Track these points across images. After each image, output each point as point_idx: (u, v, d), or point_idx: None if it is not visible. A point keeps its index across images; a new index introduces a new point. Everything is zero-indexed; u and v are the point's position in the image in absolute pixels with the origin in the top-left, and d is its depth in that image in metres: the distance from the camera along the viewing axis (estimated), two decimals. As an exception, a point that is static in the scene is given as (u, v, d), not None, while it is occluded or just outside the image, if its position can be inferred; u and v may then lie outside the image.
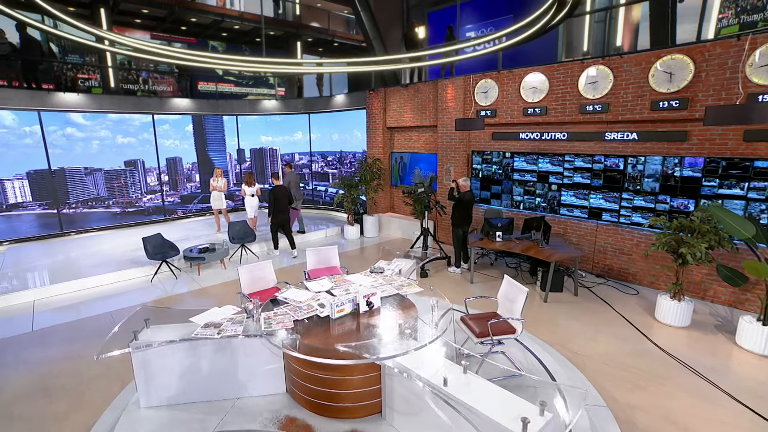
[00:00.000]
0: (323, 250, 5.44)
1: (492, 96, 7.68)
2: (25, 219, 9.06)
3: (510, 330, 3.94)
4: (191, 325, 3.63)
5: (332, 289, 4.20)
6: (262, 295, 4.60)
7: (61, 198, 9.39)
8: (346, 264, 7.71)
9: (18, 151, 8.70)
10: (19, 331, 5.30)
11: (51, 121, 8.96)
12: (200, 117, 11.25)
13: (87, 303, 6.18)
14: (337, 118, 11.49)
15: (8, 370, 4.44)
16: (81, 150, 9.44)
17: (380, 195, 10.24)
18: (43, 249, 8.49)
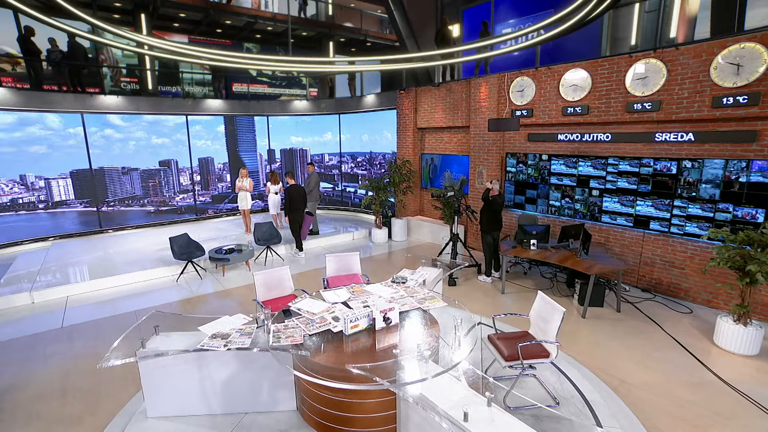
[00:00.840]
0: (344, 257, 5.17)
1: (528, 95, 7.17)
2: (68, 216, 9.42)
3: (543, 354, 3.51)
4: (200, 335, 3.45)
5: (349, 300, 3.92)
6: (278, 303, 4.39)
7: (100, 196, 9.69)
8: (371, 269, 7.52)
9: (62, 152, 9.04)
10: (50, 327, 5.39)
11: (92, 122, 9.25)
12: (232, 118, 11.34)
13: (115, 301, 6.24)
14: (367, 119, 11.25)
15: (35, 365, 4.47)
16: (119, 150, 9.71)
17: (409, 198, 9.91)
18: (83, 245, 8.76)
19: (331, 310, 3.72)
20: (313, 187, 9.05)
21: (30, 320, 5.62)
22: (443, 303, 3.85)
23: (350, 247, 9.08)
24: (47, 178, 9.04)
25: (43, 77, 9.30)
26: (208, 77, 12.93)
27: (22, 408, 3.84)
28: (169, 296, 6.36)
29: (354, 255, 5.22)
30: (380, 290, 4.18)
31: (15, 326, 5.44)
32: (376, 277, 6.84)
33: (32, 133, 8.66)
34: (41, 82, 9.20)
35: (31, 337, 5.11)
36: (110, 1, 10.52)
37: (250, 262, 7.76)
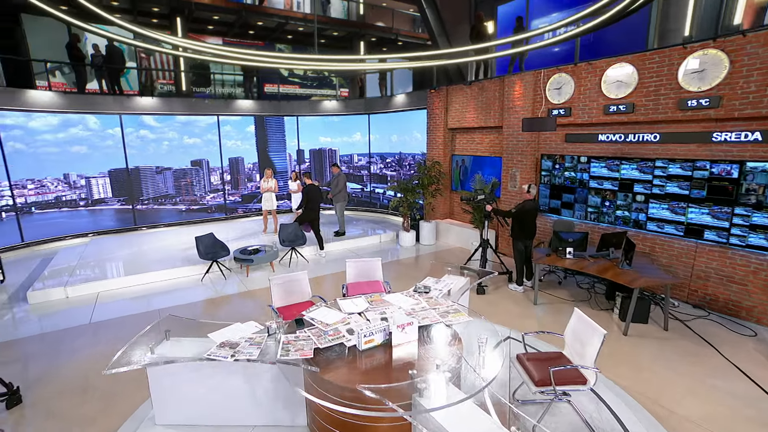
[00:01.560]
0: (365, 263, 4.93)
1: (566, 92, 6.67)
2: (106, 213, 9.74)
3: (579, 380, 3.11)
4: (209, 342, 3.30)
5: (366, 311, 3.66)
6: (293, 310, 4.20)
7: (135, 195, 9.96)
8: (397, 274, 7.25)
9: (101, 152, 9.35)
10: (79, 322, 5.47)
11: (128, 123, 9.52)
12: (262, 118, 11.39)
13: (141, 298, 6.30)
14: (397, 119, 11.00)
15: (61, 361, 4.52)
16: (153, 150, 9.95)
17: (438, 200, 9.56)
18: (117, 242, 9.01)
19: (346, 322, 3.48)
20: (341, 188, 8.88)
21: (62, 315, 5.74)
22: (468, 318, 3.52)
23: (377, 250, 8.85)
24: (87, 177, 9.36)
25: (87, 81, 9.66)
26: (239, 78, 13.09)
27: (43, 404, 3.86)
28: (193, 295, 6.35)
29: (375, 261, 4.96)
30: (400, 301, 3.90)
31: (49, 320, 5.57)
32: (400, 284, 6.61)
33: (75, 134, 9.00)
34: (85, 85, 9.56)
35: (62, 332, 5.19)
36: (149, 6, 10.81)
37: (274, 263, 7.68)
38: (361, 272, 4.90)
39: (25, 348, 4.82)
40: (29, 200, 8.70)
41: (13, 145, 8.27)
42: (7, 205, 8.28)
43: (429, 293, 4.13)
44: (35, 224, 8.82)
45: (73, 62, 9.33)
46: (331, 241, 8.88)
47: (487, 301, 5.98)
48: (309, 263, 7.93)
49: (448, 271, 4.83)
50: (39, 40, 10.66)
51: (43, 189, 8.83)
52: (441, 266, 5.08)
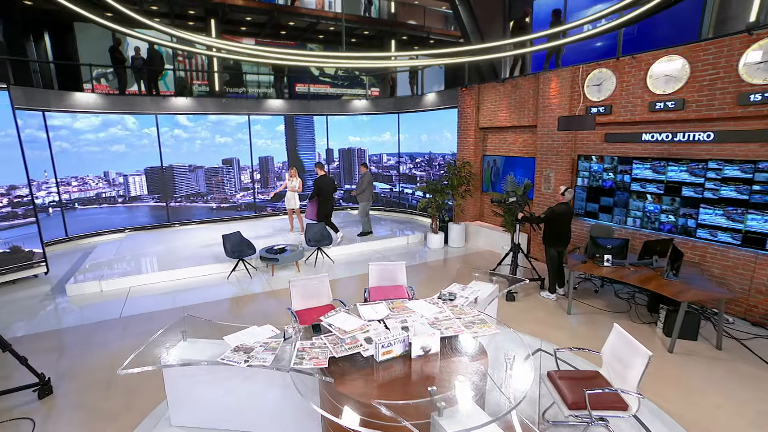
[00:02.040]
0: (388, 267, 4.75)
1: (607, 89, 6.22)
2: (142, 210, 10.06)
3: (618, 405, 2.80)
4: (225, 345, 3.22)
5: (387, 318, 3.48)
6: (312, 314, 4.08)
7: (169, 192, 10.22)
8: (423, 278, 7.02)
9: (138, 151, 9.66)
10: (110, 316, 5.60)
11: (163, 123, 9.79)
12: (292, 117, 11.45)
13: (169, 294, 6.40)
14: (427, 118, 10.76)
15: (91, 354, 4.62)
16: (186, 149, 10.17)
17: (468, 202, 9.25)
18: (152, 238, 9.28)
19: (365, 329, 3.31)
20: (365, 187, 8.79)
21: (96, 308, 5.91)
22: (495, 330, 3.27)
23: (404, 251, 8.67)
24: (125, 175, 9.69)
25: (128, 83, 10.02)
26: (270, 79, 13.22)
27: (72, 396, 3.93)
28: (218, 293, 6.39)
29: (399, 265, 4.77)
30: (423, 308, 3.69)
31: (84, 313, 5.75)
32: (424, 289, 6.40)
33: (114, 134, 9.33)
34: (125, 87, 9.92)
35: (94, 325, 5.33)
36: (185, 10, 11.08)
37: (300, 263, 7.63)
38: (384, 276, 4.72)
39: (60, 339, 4.97)
40: (73, 197, 9.09)
41: (60, 144, 8.66)
42: (54, 202, 8.67)
43: (454, 301, 3.89)
44: (77, 219, 9.21)
45: (115, 65, 9.68)
46: (357, 242, 8.77)
47: (517, 309, 5.66)
48: (334, 264, 7.84)
49: (475, 277, 4.57)
50: (88, 46, 11.18)
51: (85, 186, 9.21)
52: (468, 271, 4.83)
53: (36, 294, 6.34)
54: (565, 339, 4.77)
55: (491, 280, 4.61)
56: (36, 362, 4.30)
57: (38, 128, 8.22)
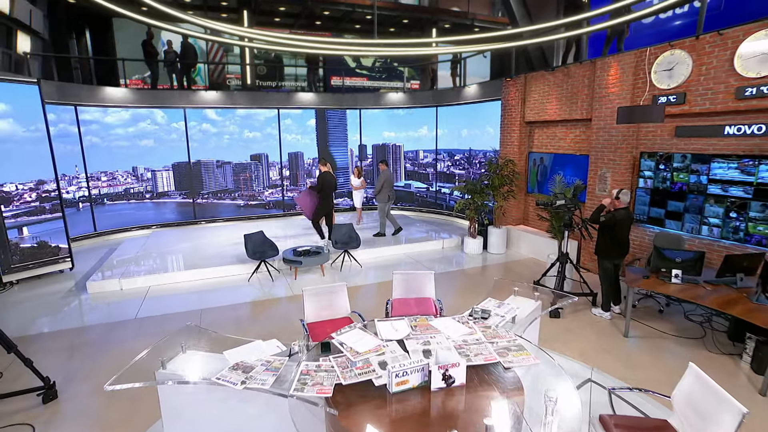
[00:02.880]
0: (415, 277, 4.41)
1: (680, 74, 5.53)
2: (169, 206, 10.31)
3: (693, 467, 2.31)
4: (225, 360, 3.02)
5: (408, 338, 3.15)
6: (327, 327, 3.82)
7: (196, 188, 10.40)
8: (455, 288, 6.60)
9: (166, 146, 9.90)
10: (126, 317, 5.65)
11: (191, 117, 9.97)
12: (323, 111, 11.35)
13: (187, 295, 6.40)
14: (468, 112, 10.31)
15: (99, 356, 4.62)
16: (214, 144, 10.32)
17: (511, 204, 8.73)
18: (177, 235, 9.47)
19: (381, 351, 2.99)
20: (382, 186, 8.64)
21: (114, 307, 5.99)
22: (534, 360, 2.85)
23: (439, 256, 8.32)
24: (153, 170, 9.95)
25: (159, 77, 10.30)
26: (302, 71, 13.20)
27: (76, 402, 3.92)
28: (237, 296, 6.31)
29: (427, 275, 4.41)
30: (450, 328, 3.33)
31: (100, 312, 5.84)
32: (457, 301, 6.00)
33: (143, 128, 9.61)
34: (157, 81, 10.19)
35: (109, 326, 5.38)
36: (218, 1, 11.25)
37: (325, 266, 7.45)
38: (410, 287, 4.39)
39: (74, 339, 5.04)
40: (102, 192, 9.44)
41: (91, 139, 9.01)
42: (84, 197, 9.03)
43: (487, 320, 3.50)
44: (106, 215, 9.56)
45: (147, 59, 9.95)
46: (389, 245, 8.48)
47: (563, 328, 5.14)
48: (362, 269, 7.60)
49: (515, 292, 4.14)
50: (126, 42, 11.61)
51: (114, 181, 9.54)
52: (507, 284, 4.41)
53: (58, 290, 6.54)
54: (620, 367, 4.23)
55: (534, 296, 4.14)
56: (47, 363, 4.38)
57: (71, 123, 8.57)
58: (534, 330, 4.08)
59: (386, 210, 8.97)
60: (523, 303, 3.93)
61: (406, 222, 10.68)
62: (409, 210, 12.00)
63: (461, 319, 3.50)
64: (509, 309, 3.72)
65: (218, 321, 5.48)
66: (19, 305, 6.04)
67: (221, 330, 5.23)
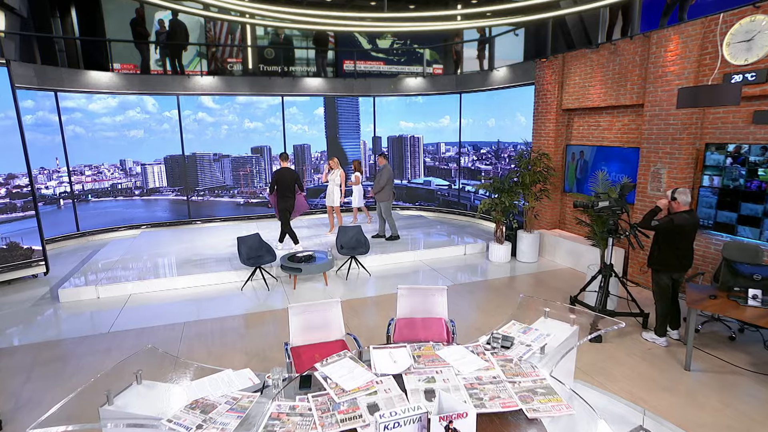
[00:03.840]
0: (423, 293, 4.00)
1: (762, 45, 4.94)
2: (160, 204, 10.21)
3: None
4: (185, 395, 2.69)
5: (408, 373, 2.77)
6: (316, 352, 3.46)
7: (190, 184, 10.27)
8: (474, 305, 6.20)
9: (158, 137, 9.80)
10: (98, 330, 5.45)
11: (186, 105, 9.84)
12: (333, 99, 11.08)
13: (170, 306, 6.19)
14: (496, 98, 9.90)
15: (57, 381, 4.38)
16: (211, 135, 10.18)
17: (545, 204, 8.25)
18: (168, 236, 9.34)
19: (373, 389, 2.62)
20: (385, 183, 8.35)
21: (86, 318, 5.81)
22: (567, 410, 2.41)
23: (460, 264, 7.97)
24: (143, 164, 9.86)
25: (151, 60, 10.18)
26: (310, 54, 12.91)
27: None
28: (226, 308, 6.07)
29: (438, 291, 4.00)
30: (462, 360, 2.92)
31: (71, 324, 5.66)
32: (476, 320, 5.60)
33: (132, 117, 9.52)
34: (148, 65, 10.07)
35: (76, 342, 5.16)
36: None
37: (328, 274, 7.13)
38: (418, 304, 3.98)
39: (35, 355, 4.84)
40: (86, 187, 9.38)
41: (74, 128, 8.94)
42: (66, 192, 8.97)
43: (509, 350, 3.08)
44: (90, 213, 9.50)
45: (136, 41, 9.84)
46: (396, 250, 8.16)
47: (606, 355, 4.65)
48: (371, 277, 7.26)
49: (546, 313, 3.68)
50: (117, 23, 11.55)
51: (100, 176, 9.47)
52: (537, 303, 3.96)
53: (27, 298, 6.41)
54: (681, 410, 3.72)
55: (569, 319, 3.67)
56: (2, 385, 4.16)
57: (51, 110, 8.50)
58: (569, 361, 3.62)
59: (389, 210, 8.71)
60: (555, 327, 3.48)
61: (425, 224, 10.39)
62: (428, 210, 11.67)
63: (476, 349, 3.08)
64: (537, 336, 3.28)
65: (201, 337, 5.23)
66: (-19, 315, 5.93)
67: (202, 348, 5.00)
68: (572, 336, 3.46)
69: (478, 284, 6.98)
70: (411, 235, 9.38)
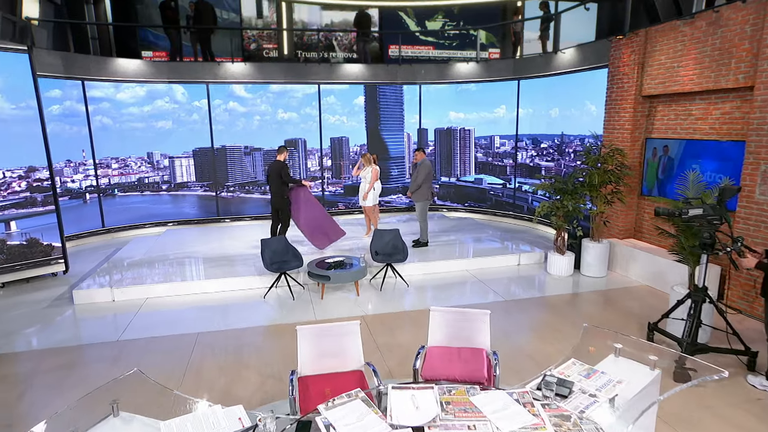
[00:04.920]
0: (463, 318, 3.54)
1: None
2: (188, 200, 10.35)
3: None
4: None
5: (433, 425, 2.35)
6: (328, 385, 3.11)
7: (220, 179, 10.32)
8: (524, 330, 5.62)
9: (186, 128, 9.94)
10: (106, 338, 5.41)
11: (216, 94, 9.89)
12: (374, 87, 10.83)
13: (185, 312, 6.12)
14: (561, 85, 9.31)
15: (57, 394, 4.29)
16: (242, 126, 10.20)
17: (618, 209, 7.58)
18: (194, 235, 9.41)
19: (384, 446, 2.21)
20: (422, 181, 7.97)
21: (98, 324, 5.82)
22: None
23: (513, 276, 7.47)
24: (171, 157, 10.01)
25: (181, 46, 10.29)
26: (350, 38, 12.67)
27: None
28: (245, 318, 5.90)
29: (479, 316, 3.52)
30: (504, 411, 2.46)
31: (81, 329, 5.70)
32: (525, 346, 5.06)
33: (160, 107, 9.68)
34: (177, 50, 10.16)
35: (81, 350, 5.15)
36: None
37: (361, 283, 6.82)
38: (455, 331, 3.53)
39: (39, 363, 4.82)
40: (112, 181, 9.62)
41: (101, 119, 9.18)
42: (91, 186, 9.22)
43: (567, 398, 2.58)
44: (116, 208, 9.74)
45: (166, 25, 9.96)
46: (439, 257, 7.76)
47: (698, 401, 3.99)
48: (408, 288, 6.89)
49: (617, 351, 3.13)
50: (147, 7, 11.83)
51: (126, 169, 9.66)
52: (606, 335, 3.40)
53: (44, 298, 6.52)
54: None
55: (650, 361, 3.08)
56: (-2, 398, 4.14)
57: (78, 100, 8.73)
58: (650, 415, 3.05)
59: (426, 212, 8.37)
60: (629, 370, 2.94)
61: (474, 228, 9.97)
62: (478, 212, 11.22)
63: (523, 397, 2.60)
64: (605, 382, 2.76)
65: (213, 350, 5.06)
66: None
67: (213, 363, 4.81)
68: (653, 383, 2.90)
69: (532, 301, 6.42)
70: (458, 240, 8.96)
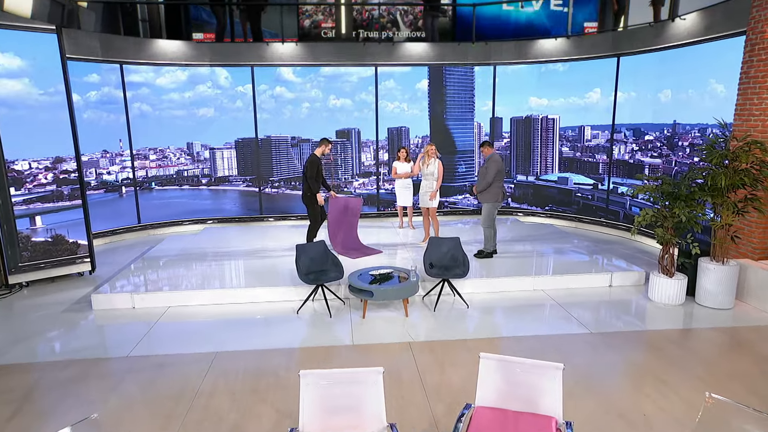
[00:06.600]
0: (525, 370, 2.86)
1: None
2: (229, 196, 10.46)
3: None
4: None
5: None
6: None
7: (264, 174, 10.32)
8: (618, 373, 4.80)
9: (229, 116, 10.02)
10: (116, 352, 5.31)
11: (261, 79, 9.89)
12: (440, 69, 10.39)
13: (210, 325, 5.97)
14: (675, 61, 8.47)
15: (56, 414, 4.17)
16: (290, 114, 10.14)
17: (751, 221, 6.59)
18: (233, 235, 9.47)
19: None
20: (493, 178, 7.55)
21: (112, 334, 5.80)
22: None
23: (600, 300, 6.69)
24: (212, 148, 10.15)
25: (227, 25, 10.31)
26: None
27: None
28: (274, 336, 5.62)
29: (548, 372, 2.80)
30: None
31: (94, 339, 5.66)
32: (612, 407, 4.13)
33: (202, 93, 9.80)
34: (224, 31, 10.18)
35: (89, 365, 5.03)
36: None
37: (411, 300, 6.36)
38: (513, 387, 2.86)
39: (41, 376, 4.77)
40: (150, 174, 9.87)
41: (140, 106, 9.42)
42: (128, 179, 9.44)
43: None
44: (154, 203, 9.98)
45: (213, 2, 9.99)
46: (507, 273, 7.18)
47: None
48: (468, 309, 6.30)
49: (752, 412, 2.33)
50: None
51: (165, 161, 9.86)
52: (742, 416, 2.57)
53: (64, 300, 6.61)
54: None
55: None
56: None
57: (116, 86, 8.96)
58: None
59: (494, 216, 7.91)
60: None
61: (555, 237, 9.31)
62: (562, 218, 10.58)
63: None
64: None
65: (230, 375, 4.74)
66: (10, 319, 6.17)
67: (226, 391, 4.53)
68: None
69: (629, 336, 5.55)
70: (534, 251, 8.33)
